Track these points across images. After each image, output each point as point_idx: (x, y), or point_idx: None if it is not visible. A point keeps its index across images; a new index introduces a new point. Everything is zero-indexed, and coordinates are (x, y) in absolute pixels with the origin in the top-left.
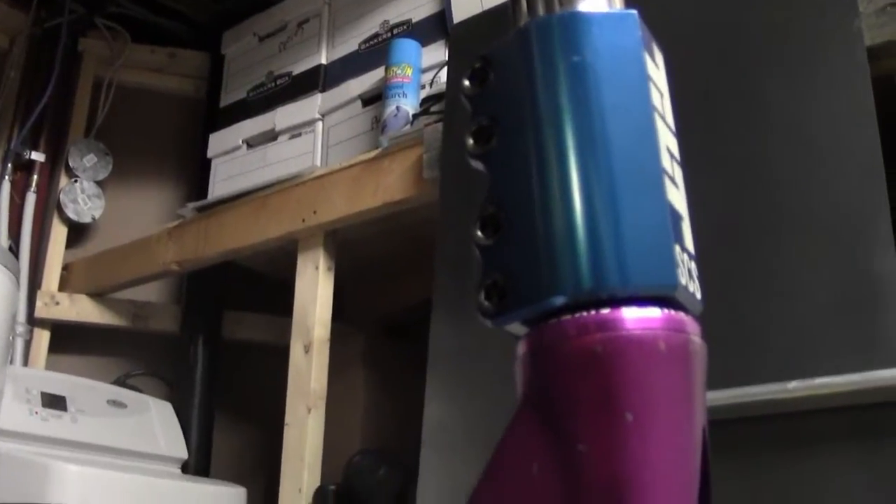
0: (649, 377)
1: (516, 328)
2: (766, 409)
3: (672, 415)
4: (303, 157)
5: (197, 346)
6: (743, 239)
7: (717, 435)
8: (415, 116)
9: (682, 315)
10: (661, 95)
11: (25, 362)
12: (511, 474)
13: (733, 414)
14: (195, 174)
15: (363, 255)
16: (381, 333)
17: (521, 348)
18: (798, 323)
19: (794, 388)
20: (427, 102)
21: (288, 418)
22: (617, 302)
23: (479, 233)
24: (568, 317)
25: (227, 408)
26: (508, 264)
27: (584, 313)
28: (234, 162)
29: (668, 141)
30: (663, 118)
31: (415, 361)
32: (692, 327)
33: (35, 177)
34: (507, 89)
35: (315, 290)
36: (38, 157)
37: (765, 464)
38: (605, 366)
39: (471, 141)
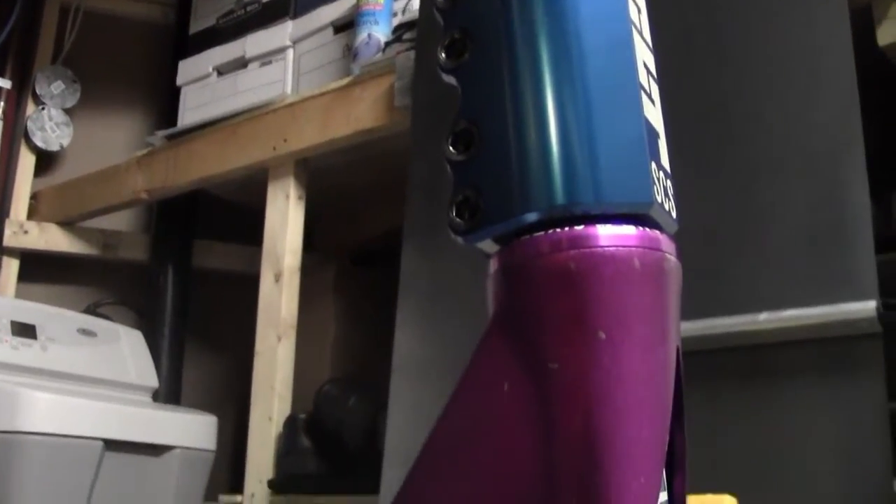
0: (623, 295)
1: (488, 246)
2: (735, 340)
3: (645, 334)
4: (273, 84)
5: (167, 275)
6: (717, 170)
7: (686, 366)
8: (387, 44)
9: (657, 233)
10: (639, 11)
11: None
12: (482, 392)
13: (702, 345)
14: (164, 102)
15: (334, 184)
16: (351, 263)
17: (492, 266)
18: (769, 255)
19: (764, 319)
20: (399, 30)
21: (258, 347)
22: (591, 219)
23: (450, 148)
24: (541, 233)
25: (198, 337)
26: (480, 180)
27: (558, 230)
28: (204, 90)
29: (645, 56)
30: (640, 33)
31: (385, 290)
32: (667, 246)
33: (1, 104)
34: (481, 2)
35: (286, 219)
36: (4, 83)
37: (732, 395)
38: (578, 283)
39: (443, 55)
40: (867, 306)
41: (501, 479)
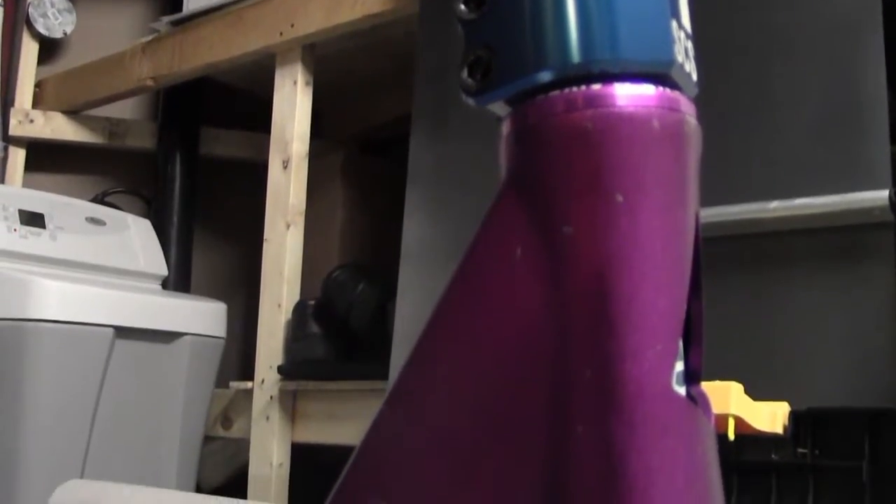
0: (641, 157)
1: (500, 108)
2: (746, 228)
3: (664, 198)
4: None
5: (174, 163)
6: (732, 55)
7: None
8: None
9: (677, 94)
10: None
11: (2, 180)
12: (494, 257)
13: (713, 232)
14: None
15: (342, 70)
16: (360, 150)
17: (504, 128)
18: (781, 142)
19: (775, 207)
20: None
21: (267, 234)
22: (608, 78)
23: (461, 6)
24: (556, 92)
25: (207, 225)
26: (493, 38)
27: (573, 88)
28: None
29: None
30: None
31: (393, 178)
32: (687, 107)
33: None
34: None
35: (293, 105)
36: None
37: (741, 283)
38: (595, 143)
39: None
40: (880, 195)
41: (512, 347)
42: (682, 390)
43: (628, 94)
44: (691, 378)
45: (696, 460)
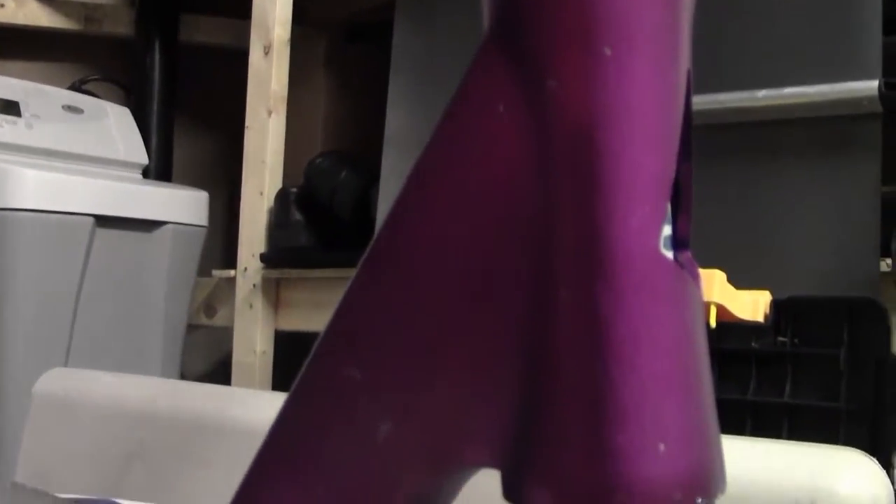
0: (631, 7)
1: None
2: (734, 117)
3: (654, 52)
4: None
5: (153, 50)
6: None
7: None
8: None
9: None
10: None
11: None
12: (475, 114)
13: (701, 120)
14: None
15: None
16: (343, 36)
17: None
18: (771, 30)
19: (763, 96)
20: None
21: (248, 122)
22: None
23: None
24: None
25: (187, 114)
26: None
27: None
28: None
29: None
30: None
31: (377, 66)
32: None
33: None
34: None
35: None
36: None
37: (726, 172)
38: None
39: None
40: (869, 85)
41: (494, 208)
42: (669, 255)
43: None
44: (679, 244)
45: (684, 326)
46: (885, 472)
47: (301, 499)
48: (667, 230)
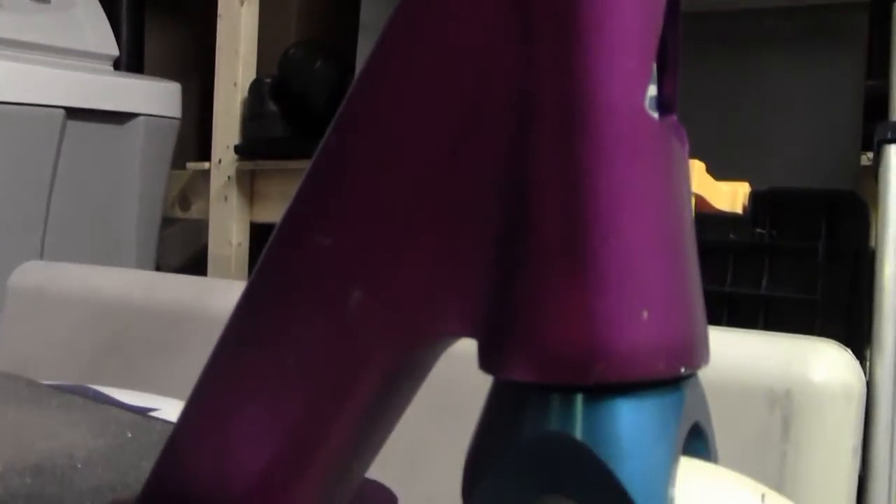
0: None
1: None
2: (720, 4)
3: None
4: None
5: None
6: None
7: None
8: None
9: None
10: None
11: None
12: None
13: (685, 7)
14: None
15: None
16: None
17: None
18: None
19: None
20: None
21: (221, 10)
22: None
23: None
24: None
25: (158, 3)
26: None
27: None
28: None
29: None
30: None
31: None
32: None
33: None
34: None
35: None
36: None
37: (713, 61)
38: None
39: None
40: None
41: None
42: (654, 115)
43: None
44: (665, 107)
45: (670, 189)
46: (858, 362)
47: (271, 369)
48: (652, 90)
